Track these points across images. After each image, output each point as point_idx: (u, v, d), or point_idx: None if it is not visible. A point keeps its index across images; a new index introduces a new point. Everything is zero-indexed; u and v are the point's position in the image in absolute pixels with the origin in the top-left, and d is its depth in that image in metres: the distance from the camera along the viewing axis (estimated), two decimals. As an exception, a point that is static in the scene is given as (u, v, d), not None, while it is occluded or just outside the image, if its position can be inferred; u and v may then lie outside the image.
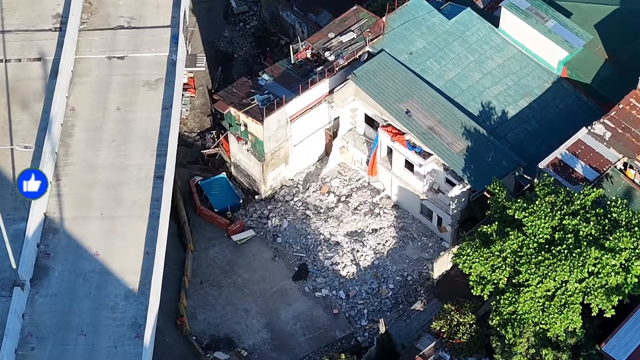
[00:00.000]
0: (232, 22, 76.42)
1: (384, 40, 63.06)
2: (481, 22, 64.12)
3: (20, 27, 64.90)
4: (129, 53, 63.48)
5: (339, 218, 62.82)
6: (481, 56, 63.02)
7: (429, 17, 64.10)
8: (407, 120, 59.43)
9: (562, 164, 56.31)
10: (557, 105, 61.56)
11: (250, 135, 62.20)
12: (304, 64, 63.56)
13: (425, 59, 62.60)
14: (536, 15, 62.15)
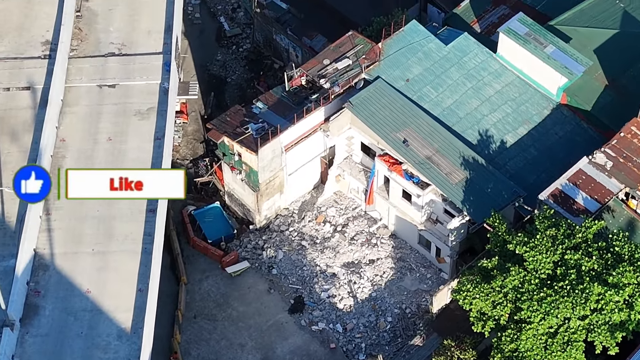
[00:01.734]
0: (225, 45, 75.18)
1: (380, 66, 61.92)
2: (479, 48, 63.01)
3: (9, 54, 63.65)
4: (120, 81, 62.23)
5: (335, 249, 61.62)
6: (479, 82, 61.90)
7: (426, 43, 62.97)
8: (405, 150, 58.27)
9: (562, 195, 55.22)
10: (556, 132, 60.45)
11: (245, 165, 60.97)
12: (299, 92, 62.32)
13: (422, 86, 61.46)
14: (535, 41, 61.05)
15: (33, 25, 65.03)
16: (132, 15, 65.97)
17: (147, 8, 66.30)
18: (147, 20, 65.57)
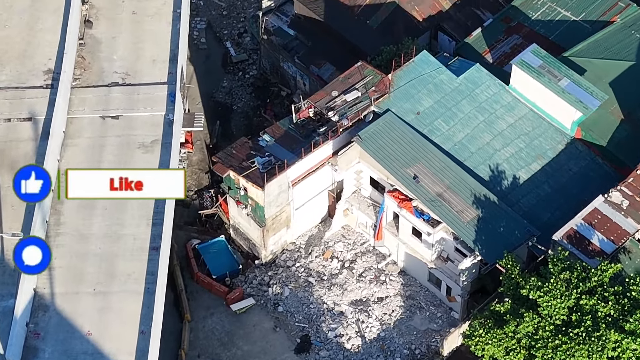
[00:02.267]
0: (231, 71, 73.72)
1: (390, 99, 60.43)
2: (491, 79, 61.50)
3: (10, 83, 62.20)
4: (123, 112, 60.75)
5: (343, 286, 60.06)
6: (491, 116, 60.38)
7: (437, 74, 61.47)
8: (415, 187, 56.75)
9: (577, 235, 53.70)
10: (571, 168, 58.91)
11: (251, 199, 59.51)
12: (307, 124, 60.83)
13: (433, 119, 59.96)
14: (549, 74, 59.51)
15: (35, 53, 63.59)
16: (136, 43, 64.55)
17: (152, 36, 64.85)
18: (151, 48, 64.09)
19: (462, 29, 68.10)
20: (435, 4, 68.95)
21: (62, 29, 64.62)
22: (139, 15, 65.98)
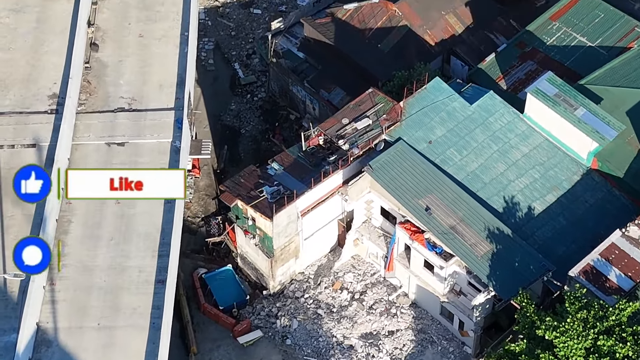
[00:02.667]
0: (239, 94, 72.44)
1: (402, 127, 59.12)
2: (505, 107, 60.15)
3: (14, 108, 60.89)
4: (129, 139, 59.41)
5: (352, 318, 58.70)
6: (505, 145, 59.02)
7: (450, 102, 60.15)
8: (427, 219, 55.41)
9: (594, 271, 52.35)
10: (587, 200, 57.52)
11: (259, 229, 58.22)
12: (316, 152, 59.59)
13: (446, 149, 58.62)
14: (564, 103, 58.13)
15: (40, 77, 62.29)
16: (143, 67, 63.23)
17: (159, 60, 63.52)
18: (158, 72, 62.74)
19: (475, 53, 66.83)
20: (448, 27, 67.71)
21: (67, 51, 63.37)
22: (145, 38, 64.72)
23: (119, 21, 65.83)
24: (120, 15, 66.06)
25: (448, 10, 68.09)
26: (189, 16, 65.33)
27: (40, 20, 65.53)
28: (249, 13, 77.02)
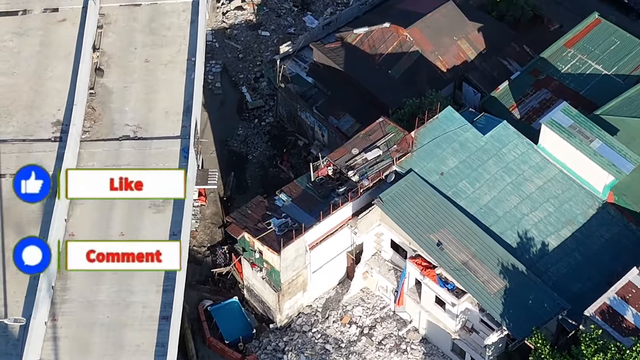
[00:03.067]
0: (247, 118, 71.12)
1: (413, 158, 57.76)
2: (518, 138, 58.75)
3: (17, 135, 59.57)
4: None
5: (361, 354, 57.27)
6: (519, 177, 57.62)
7: (462, 132, 58.78)
8: (439, 254, 54.03)
9: (610, 310, 50.94)
10: (602, 235, 56.06)
11: (266, 263, 56.88)
12: (325, 183, 58.24)
13: (458, 181, 57.25)
14: (580, 134, 56.69)
15: (43, 104, 60.95)
16: (148, 93, 61.86)
17: (165, 86, 62.11)
18: (164, 99, 61.33)
19: (488, 80, 65.44)
20: (460, 53, 66.32)
21: (72, 77, 61.99)
22: (152, 64, 63.35)
23: (125, 45, 64.54)
24: (126, 40, 64.76)
25: (460, 36, 66.67)
26: (196, 41, 63.95)
27: (44, 44, 64.28)
28: (257, 35, 75.69)
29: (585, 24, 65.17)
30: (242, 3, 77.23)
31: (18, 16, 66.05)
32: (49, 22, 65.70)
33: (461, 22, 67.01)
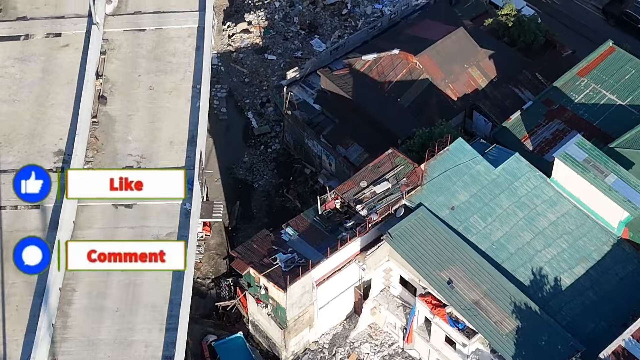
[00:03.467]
0: (253, 145, 69.68)
1: (423, 192, 56.34)
2: (531, 171, 57.28)
3: (18, 165, 58.04)
4: (138, 200, 56.84)
5: (369, 393, 56.08)
6: (531, 212, 56.13)
7: (473, 165, 57.34)
8: (449, 292, 52.57)
9: (626, 353, 49.47)
10: (617, 272, 54.51)
11: (272, 299, 55.48)
12: (333, 216, 56.84)
13: (469, 215, 55.79)
14: (594, 169, 55.20)
15: (45, 132, 59.81)
16: (152, 122, 60.61)
17: (170, 114, 60.87)
18: (169, 128, 60.14)
19: (499, 109, 63.95)
20: (471, 81, 64.89)
21: (74, 105, 60.89)
22: (156, 91, 62.12)
23: (129, 72, 63.30)
24: (130, 66, 63.53)
25: (471, 64, 65.20)
26: (201, 68, 62.73)
27: (46, 70, 63.13)
28: (264, 59, 74.26)
29: (599, 52, 63.66)
30: (248, 26, 75.85)
31: (20, 41, 65.00)
32: (51, 48, 64.56)
33: (472, 49, 65.55)
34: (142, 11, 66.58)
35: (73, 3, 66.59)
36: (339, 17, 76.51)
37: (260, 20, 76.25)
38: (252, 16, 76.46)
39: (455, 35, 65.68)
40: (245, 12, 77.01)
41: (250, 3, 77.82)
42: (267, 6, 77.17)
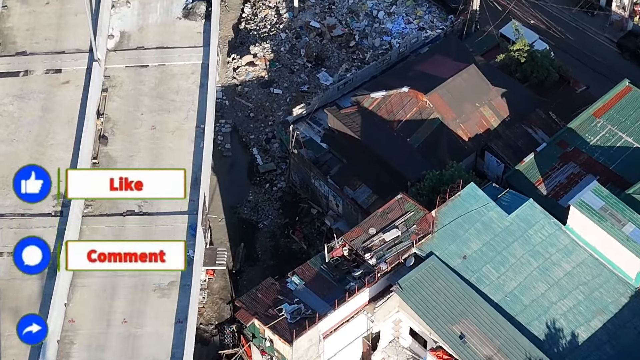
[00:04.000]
0: (257, 183, 67.79)
1: (434, 240, 54.49)
2: (545, 218, 55.38)
3: (15, 210, 56.61)
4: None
5: None
6: (546, 261, 54.23)
7: (485, 211, 55.47)
8: (461, 348, 50.72)
9: (646, 413, 47.74)
10: (635, 326, 52.52)
11: (277, 352, 53.61)
12: (340, 264, 54.98)
13: (482, 265, 53.91)
14: (611, 218, 53.28)
15: (44, 174, 58.25)
16: (154, 163, 58.69)
17: (172, 155, 58.95)
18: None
19: (512, 150, 62.09)
20: (483, 121, 63.02)
21: (74, 145, 59.12)
22: (158, 131, 60.29)
23: (131, 110, 61.48)
24: (132, 105, 61.69)
25: (483, 102, 63.31)
26: (205, 107, 60.92)
27: (46, 108, 61.32)
28: (269, 93, 72.36)
29: (615, 92, 61.81)
30: (253, 59, 74.01)
31: (19, 77, 63.21)
32: (51, 84, 62.78)
33: (484, 88, 63.68)
34: (145, 46, 64.74)
35: (74, 38, 64.87)
36: (347, 50, 74.65)
37: (265, 52, 74.44)
38: (257, 48, 74.66)
39: (466, 72, 63.82)
40: (251, 44, 75.17)
41: (255, 34, 75.99)
42: (273, 37, 75.37)
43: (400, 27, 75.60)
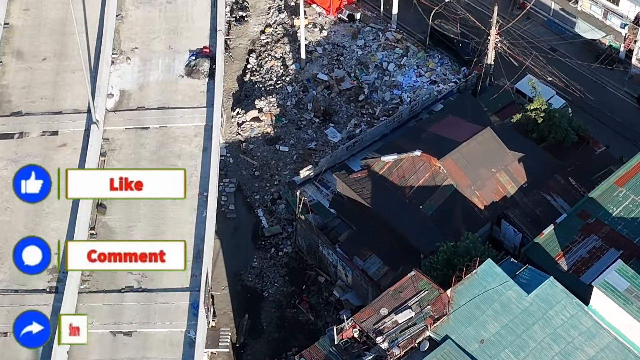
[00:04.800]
0: (262, 247, 64.89)
1: (449, 322, 51.48)
2: (567, 298, 52.35)
3: (8, 285, 54.04)
4: (138, 327, 52.32)
5: None
6: (568, 346, 51.17)
7: (504, 290, 52.47)
8: None
9: None
10: (663, 418, 49.87)
11: None
12: (350, 346, 52.03)
13: (500, 350, 50.83)
14: (637, 300, 50.29)
15: (39, 248, 55.47)
16: (154, 235, 55.96)
17: (174, 226, 56.33)
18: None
19: (529, 218, 59.23)
20: (499, 187, 60.09)
21: (71, 214, 56.42)
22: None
23: (130, 176, 58.84)
24: (132, 170, 59.09)
25: (499, 168, 60.41)
26: (208, 172, 58.27)
27: (41, 174, 58.77)
28: (275, 150, 69.54)
29: (638, 159, 58.94)
30: (259, 114, 71.26)
31: (14, 139, 60.61)
32: (47, 147, 60.17)
33: (500, 152, 60.80)
34: (146, 107, 62.17)
35: (71, 97, 62.34)
36: (356, 104, 71.88)
37: (271, 106, 71.66)
38: (262, 102, 71.87)
39: (482, 136, 60.95)
40: (256, 97, 72.44)
41: (261, 87, 73.25)
42: (279, 91, 72.61)
43: (412, 80, 72.96)
